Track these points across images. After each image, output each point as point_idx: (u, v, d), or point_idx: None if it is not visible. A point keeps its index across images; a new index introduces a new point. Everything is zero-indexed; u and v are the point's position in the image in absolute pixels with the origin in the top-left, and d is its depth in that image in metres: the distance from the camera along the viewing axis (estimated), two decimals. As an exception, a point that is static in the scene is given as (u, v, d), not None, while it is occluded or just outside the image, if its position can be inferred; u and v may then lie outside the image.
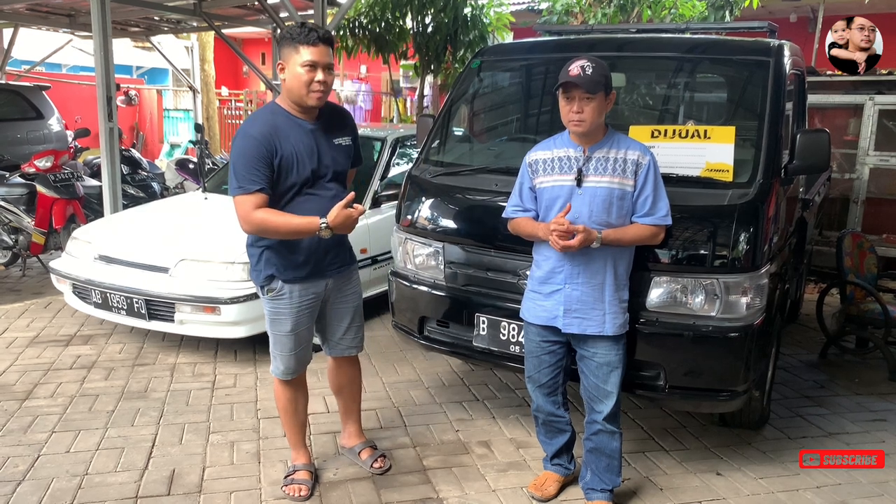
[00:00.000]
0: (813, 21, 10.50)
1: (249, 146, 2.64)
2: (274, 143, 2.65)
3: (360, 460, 3.26)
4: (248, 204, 2.63)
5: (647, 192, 2.69)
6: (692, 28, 3.99)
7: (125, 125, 13.81)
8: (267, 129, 2.67)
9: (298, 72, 2.62)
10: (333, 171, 2.83)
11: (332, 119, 2.87)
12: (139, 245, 4.63)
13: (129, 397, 3.91)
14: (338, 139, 2.86)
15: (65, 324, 5.11)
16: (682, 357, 3.00)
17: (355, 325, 3.12)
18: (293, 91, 2.67)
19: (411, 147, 5.70)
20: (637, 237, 2.73)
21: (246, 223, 2.67)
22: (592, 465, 2.93)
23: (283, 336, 2.91)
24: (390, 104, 15.27)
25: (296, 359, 2.96)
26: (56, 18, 9.90)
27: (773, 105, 3.13)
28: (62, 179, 6.34)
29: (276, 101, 2.79)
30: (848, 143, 6.76)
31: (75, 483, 3.04)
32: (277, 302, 2.86)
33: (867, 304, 4.70)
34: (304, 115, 2.76)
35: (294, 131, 2.72)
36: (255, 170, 2.62)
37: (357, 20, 8.90)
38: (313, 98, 2.67)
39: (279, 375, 2.99)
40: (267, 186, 2.64)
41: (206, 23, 9.14)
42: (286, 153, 2.68)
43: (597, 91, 2.59)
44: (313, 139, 2.76)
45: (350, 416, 3.32)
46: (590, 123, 2.63)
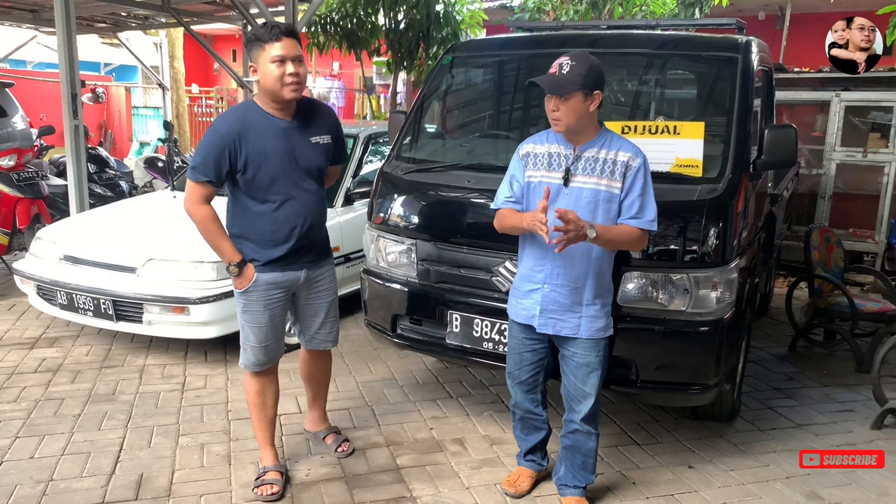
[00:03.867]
0: (781, 19, 10.66)
1: (212, 139, 2.73)
2: (237, 142, 2.71)
3: (325, 445, 3.34)
4: (195, 193, 2.78)
5: (634, 194, 2.57)
6: (662, 24, 4.02)
7: (93, 123, 13.54)
8: (236, 126, 2.72)
9: (269, 69, 2.65)
10: (308, 170, 2.85)
11: (310, 116, 2.88)
12: (106, 245, 4.53)
13: (97, 400, 3.84)
14: (315, 137, 2.87)
15: (29, 326, 5.00)
16: (653, 352, 3.02)
17: (330, 321, 3.15)
18: (268, 88, 2.70)
19: (384, 144, 5.66)
20: (625, 237, 2.60)
21: (188, 208, 2.82)
22: (567, 461, 2.92)
23: (254, 327, 2.92)
24: (363, 101, 15.20)
25: (265, 351, 2.96)
26: (19, 14, 9.68)
27: (741, 101, 3.16)
28: (26, 178, 6.20)
29: (253, 100, 2.83)
30: (815, 139, 6.87)
31: (39, 489, 2.96)
32: (248, 293, 2.87)
33: (834, 298, 4.78)
34: (280, 113, 2.78)
35: (266, 130, 2.75)
36: (209, 162, 2.72)
37: (329, 16, 8.83)
38: (288, 91, 2.68)
39: (248, 367, 2.99)
40: (216, 180, 2.75)
41: (175, 19, 8.99)
42: (252, 151, 2.72)
43: (566, 92, 2.48)
44: (287, 138, 2.78)
45: (317, 401, 3.40)
46: (566, 124, 2.55)
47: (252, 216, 2.83)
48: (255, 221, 2.83)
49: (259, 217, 2.82)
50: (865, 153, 6.50)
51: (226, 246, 2.81)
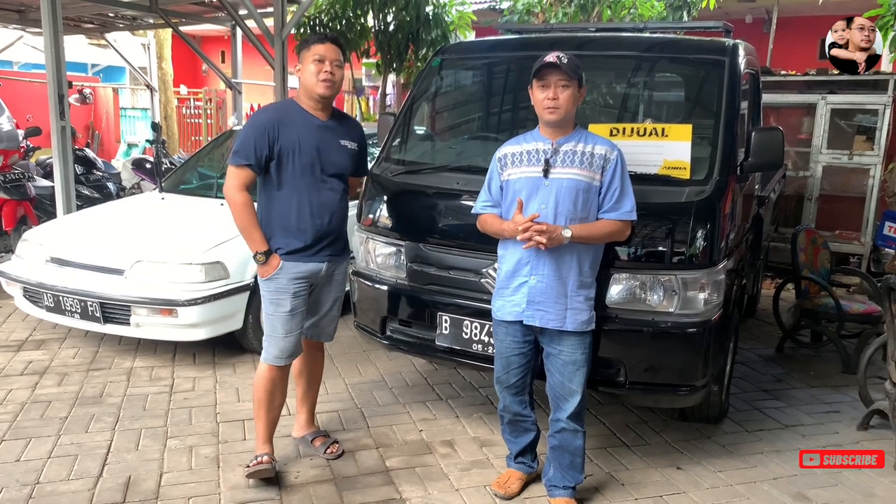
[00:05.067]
0: (768, 22, 10.74)
1: (253, 125, 2.95)
2: (276, 130, 2.90)
3: (314, 448, 3.36)
4: (235, 177, 2.92)
5: (614, 186, 2.71)
6: (650, 27, 4.03)
7: (80, 124, 13.43)
8: (275, 115, 2.96)
9: (310, 67, 2.91)
10: (334, 168, 3.02)
11: (342, 123, 3.11)
12: (93, 246, 4.50)
13: (84, 403, 3.81)
14: (344, 141, 3.06)
15: (15, 329, 4.95)
16: (641, 353, 3.03)
17: (332, 314, 3.25)
18: (306, 84, 2.94)
19: (374, 146, 5.65)
20: (606, 232, 2.74)
21: (228, 193, 2.93)
22: (556, 461, 2.94)
23: (281, 316, 2.99)
24: (353, 103, 15.18)
25: (291, 341, 3.03)
26: (5, 14, 9.62)
27: (728, 103, 3.18)
28: (12, 180, 6.15)
29: (293, 98, 3.06)
30: (802, 141, 6.93)
31: (26, 492, 2.94)
32: (275, 280, 2.96)
33: (821, 299, 4.81)
34: (317, 112, 2.99)
35: (302, 123, 2.96)
36: (249, 147, 2.89)
37: (318, 18, 8.81)
38: (322, 87, 2.90)
39: (272, 361, 3.03)
40: (255, 165, 2.90)
41: (163, 20, 8.96)
42: (286, 140, 2.91)
43: (574, 77, 2.64)
44: (320, 134, 2.98)
45: (306, 402, 3.43)
46: (564, 111, 2.66)
47: (280, 205, 2.97)
48: (282, 210, 2.97)
49: (287, 206, 2.97)
50: (851, 155, 6.56)
51: (256, 234, 2.94)
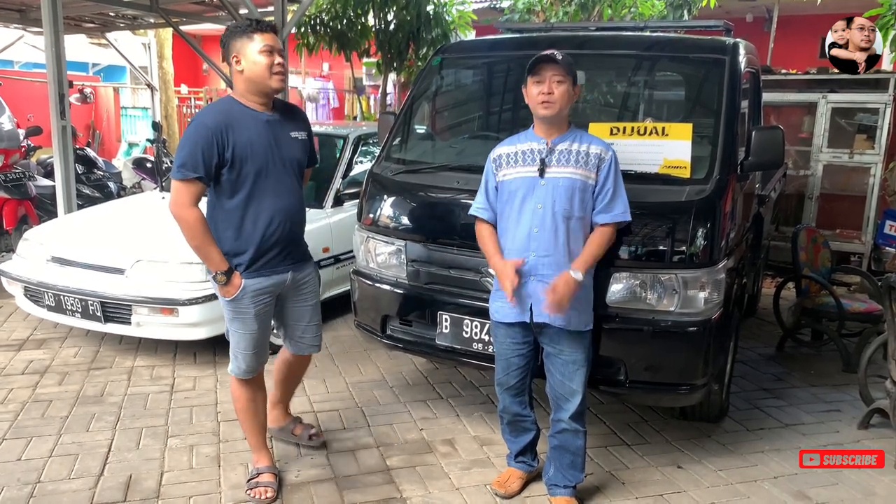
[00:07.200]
0: (768, 21, 10.74)
1: (197, 132, 2.65)
2: (226, 134, 2.65)
3: (295, 437, 3.36)
4: (182, 194, 2.64)
5: (608, 186, 2.70)
6: (651, 26, 4.04)
7: (81, 123, 13.43)
8: (222, 118, 2.68)
9: (258, 58, 2.67)
10: (291, 164, 2.85)
11: (287, 113, 2.91)
12: (94, 246, 4.51)
13: (85, 402, 3.81)
14: (294, 133, 2.88)
15: (16, 328, 4.96)
16: (642, 352, 3.03)
17: (314, 324, 3.14)
18: (255, 78, 2.69)
19: (374, 145, 5.66)
20: (602, 246, 2.71)
21: (175, 212, 2.66)
22: (556, 461, 2.93)
23: (245, 334, 2.88)
24: (353, 102, 15.18)
25: (256, 357, 2.94)
26: (6, 13, 9.59)
27: (728, 102, 3.18)
28: (13, 179, 6.16)
29: (230, 96, 2.81)
30: (802, 140, 6.92)
31: (27, 491, 2.94)
32: (237, 300, 2.82)
33: (821, 298, 4.81)
34: (260, 107, 2.78)
35: (250, 122, 2.73)
36: (197, 157, 2.61)
37: (318, 17, 8.82)
38: (276, 80, 2.70)
39: (240, 375, 2.95)
40: (205, 176, 2.64)
41: (164, 19, 8.93)
42: (240, 143, 2.68)
43: (569, 73, 2.63)
44: (270, 130, 2.78)
45: (283, 400, 3.40)
46: (559, 106, 2.64)
47: (234, 216, 2.75)
48: (237, 220, 2.75)
49: (243, 215, 2.75)
50: (852, 154, 6.56)
51: (214, 253, 2.71)
